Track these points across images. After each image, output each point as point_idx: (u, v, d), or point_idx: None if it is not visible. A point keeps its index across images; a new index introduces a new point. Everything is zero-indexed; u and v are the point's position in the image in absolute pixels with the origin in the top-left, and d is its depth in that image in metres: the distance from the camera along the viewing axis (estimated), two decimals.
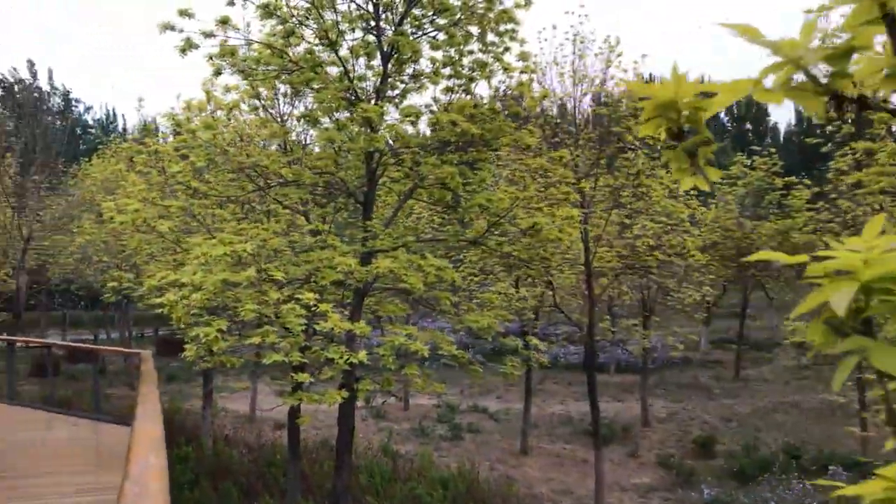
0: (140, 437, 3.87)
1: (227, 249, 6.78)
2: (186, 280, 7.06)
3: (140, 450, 3.55)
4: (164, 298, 6.88)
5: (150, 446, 3.63)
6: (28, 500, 8.10)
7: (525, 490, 15.31)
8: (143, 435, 3.98)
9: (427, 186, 8.63)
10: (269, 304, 6.91)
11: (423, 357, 6.96)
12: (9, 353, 17.62)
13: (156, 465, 3.21)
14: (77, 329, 44.08)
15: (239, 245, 6.81)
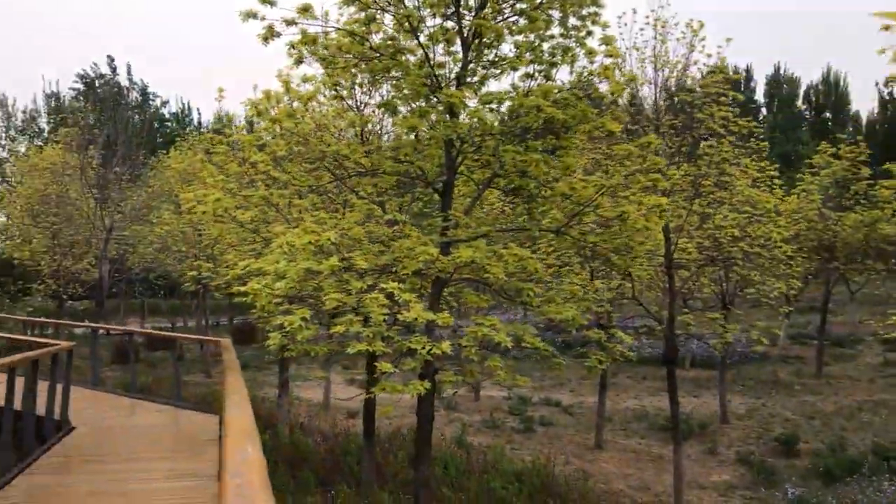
0: (234, 427, 3.82)
1: (310, 238, 6.75)
2: (270, 269, 7.06)
3: (236, 440, 3.49)
4: (248, 287, 6.89)
5: (245, 436, 3.58)
6: (116, 484, 8.26)
7: (601, 485, 15.04)
8: (236, 425, 3.93)
9: (506, 175, 8.45)
10: (352, 293, 6.86)
11: (507, 348, 6.81)
12: (92, 340, 18.15)
13: (254, 455, 3.14)
14: (154, 317, 45.39)
15: (323, 234, 6.76)
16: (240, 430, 3.72)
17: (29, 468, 8.96)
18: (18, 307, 34.00)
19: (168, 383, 21.72)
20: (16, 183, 31.59)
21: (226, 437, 3.62)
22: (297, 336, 6.54)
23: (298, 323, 6.52)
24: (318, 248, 7.04)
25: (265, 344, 7.03)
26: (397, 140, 10.18)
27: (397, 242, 7.55)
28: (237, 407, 4.67)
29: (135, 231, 26.69)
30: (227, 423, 4.12)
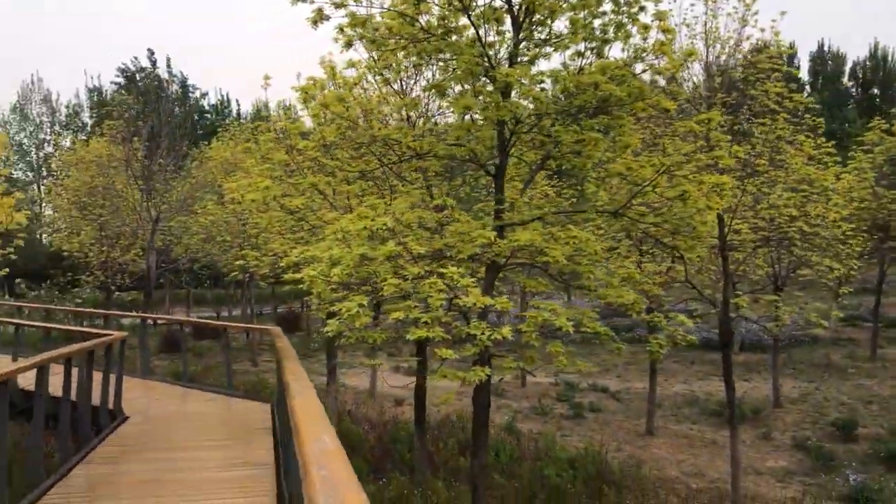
0: (304, 416, 3.70)
1: (365, 224, 6.61)
2: (324, 255, 6.94)
3: (310, 430, 3.36)
4: (304, 274, 6.79)
5: (318, 425, 3.45)
6: (173, 473, 8.25)
7: (655, 472, 14.79)
8: (306, 413, 3.81)
9: (561, 156, 8.23)
10: (408, 278, 6.71)
11: (568, 333, 6.62)
12: (141, 330, 18.31)
13: (333, 446, 3.01)
14: (199, 307, 45.93)
15: (379, 219, 6.63)
16: (311, 419, 3.59)
17: (86, 458, 9.01)
18: (67, 298, 34.60)
19: (216, 372, 21.94)
20: (63, 176, 32.05)
21: (297, 427, 3.50)
22: (354, 323, 6.41)
23: (356, 309, 6.40)
24: (372, 234, 6.91)
25: (322, 331, 6.92)
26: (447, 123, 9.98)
27: (451, 226, 7.38)
28: (302, 395, 4.56)
29: (180, 222, 26.91)
30: (295, 413, 4.01)
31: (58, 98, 74.40)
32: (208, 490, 7.59)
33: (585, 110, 8.01)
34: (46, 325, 16.74)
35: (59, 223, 33.53)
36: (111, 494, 7.39)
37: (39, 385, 8.06)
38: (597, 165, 8.54)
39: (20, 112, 71.50)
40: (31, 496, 7.26)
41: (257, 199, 10.63)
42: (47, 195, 44.99)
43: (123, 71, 72.46)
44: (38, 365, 7.86)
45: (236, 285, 39.72)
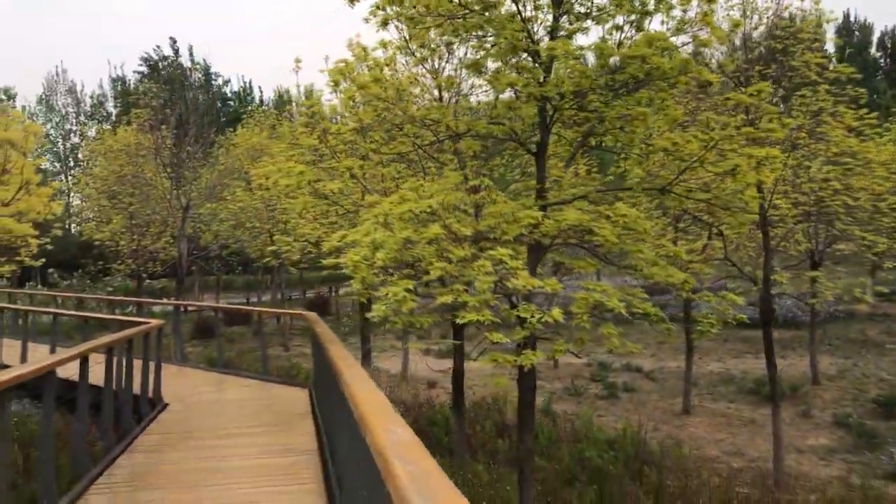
0: (368, 405, 3.57)
1: (410, 206, 6.47)
2: (367, 240, 6.82)
3: (378, 419, 3.24)
4: (346, 259, 6.67)
5: (386, 415, 3.33)
6: (217, 461, 8.21)
7: (694, 451, 14.61)
8: (370, 403, 3.69)
9: (604, 132, 8.01)
10: (453, 261, 6.57)
11: (620, 314, 6.46)
12: (175, 316, 18.38)
13: (408, 436, 2.88)
14: (228, 293, 46.20)
15: (423, 202, 6.48)
16: (377, 409, 3.47)
17: (129, 447, 9.00)
18: (99, 287, 34.93)
19: (249, 357, 22.03)
20: (91, 166, 32.23)
21: (364, 418, 3.38)
22: (401, 308, 6.29)
23: (402, 294, 6.27)
24: (416, 217, 6.78)
25: (352, 315, 6.80)
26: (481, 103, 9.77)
27: (492, 207, 7.21)
28: (360, 383, 4.44)
29: (209, 209, 26.96)
30: (357, 402, 3.89)
31: (82, 89, 74.97)
32: (254, 478, 7.54)
33: (628, 85, 7.79)
34: (84, 315, 16.83)
35: (87, 213, 33.77)
36: (156, 484, 7.36)
37: (82, 375, 8.04)
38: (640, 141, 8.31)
39: (46, 103, 72.10)
40: (79, 487, 7.25)
41: (291, 184, 10.54)
42: (75, 185, 45.37)
43: (146, 60, 72.77)
44: (81, 355, 7.83)
45: (265, 271, 39.89)
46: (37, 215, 9.19)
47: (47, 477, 6.64)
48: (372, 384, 4.31)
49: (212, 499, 6.78)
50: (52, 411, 6.89)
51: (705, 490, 11.20)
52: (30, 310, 18.67)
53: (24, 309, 18.34)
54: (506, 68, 8.08)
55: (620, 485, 11.56)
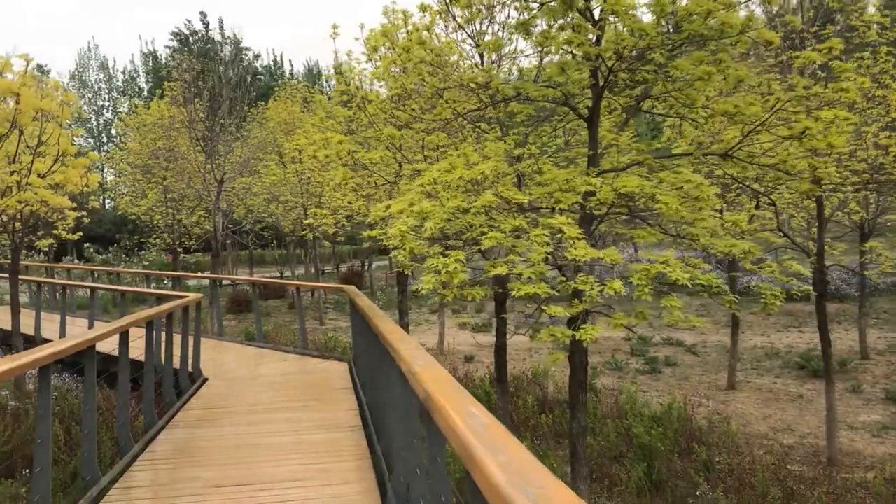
0: (438, 386, 3.27)
1: (461, 173, 6.13)
2: (415, 210, 6.50)
3: (451, 400, 2.94)
4: (394, 229, 6.36)
5: (459, 396, 3.03)
6: (261, 436, 8.03)
7: (742, 428, 14.21)
8: (438, 382, 3.39)
9: (663, 94, 7.58)
10: (505, 232, 6.23)
11: (685, 286, 6.09)
12: (213, 290, 18.27)
13: (489, 420, 2.58)
14: (260, 267, 46.37)
15: (476, 168, 6.14)
16: (448, 390, 3.17)
17: (171, 422, 8.86)
18: (134, 262, 35.12)
19: (285, 331, 21.96)
20: (125, 141, 32.27)
21: (435, 400, 3.08)
22: (453, 280, 5.98)
23: (454, 265, 5.96)
24: (467, 184, 6.44)
25: (417, 289, 6.50)
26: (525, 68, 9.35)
27: (547, 175, 6.85)
28: (421, 360, 4.15)
29: (242, 183, 26.87)
30: (419, 379, 3.60)
31: (114, 65, 75.35)
32: (298, 454, 7.34)
33: (690, 43, 7.35)
34: (121, 288, 16.80)
35: (121, 187, 33.88)
36: (198, 461, 7.18)
37: (122, 350, 7.87)
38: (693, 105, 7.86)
39: (78, 79, 72.62)
40: (121, 464, 7.10)
41: (330, 154, 10.26)
42: (109, 160, 45.59)
43: (177, 35, 72.86)
44: (121, 329, 7.65)
45: (296, 245, 39.88)
46: (74, 187, 9.00)
47: (90, 453, 6.49)
48: (433, 361, 4.03)
49: (255, 476, 6.59)
50: (93, 387, 6.72)
51: (758, 468, 10.84)
52: (68, 284, 18.72)
53: (62, 283, 18.38)
54: (556, 29, 7.66)
55: (669, 462, 11.25)
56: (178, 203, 26.63)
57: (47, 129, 8.66)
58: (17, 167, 8.03)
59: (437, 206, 6.65)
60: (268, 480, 6.46)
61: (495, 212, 6.86)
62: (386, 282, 38.48)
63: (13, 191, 8.58)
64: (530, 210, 7.42)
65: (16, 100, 7.98)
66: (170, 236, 26.95)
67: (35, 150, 8.47)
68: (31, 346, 16.12)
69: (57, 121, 8.51)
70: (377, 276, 38.55)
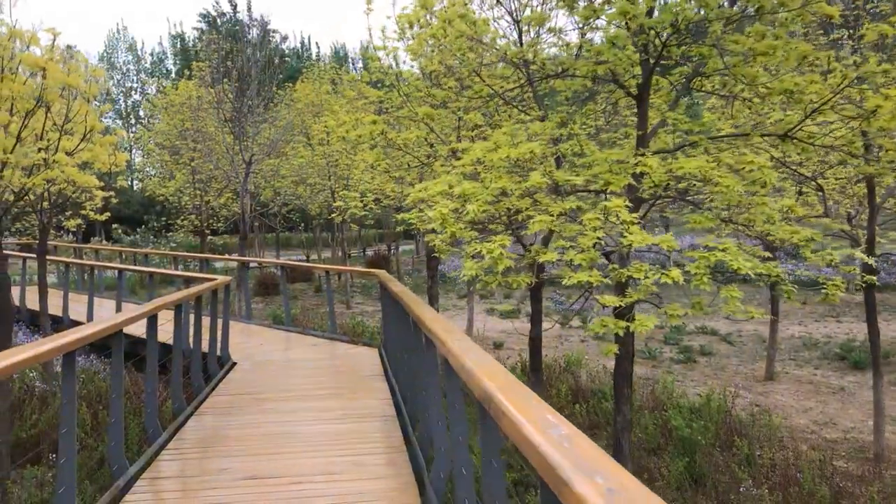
0: (505, 388, 2.92)
1: (508, 152, 5.76)
2: (457, 190, 6.15)
3: (527, 411, 2.56)
4: (434, 212, 6.01)
5: (530, 401, 2.69)
6: (292, 425, 7.76)
7: (782, 421, 13.76)
8: (494, 379, 3.06)
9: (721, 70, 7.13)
10: (552, 215, 5.86)
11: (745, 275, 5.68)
12: (242, 273, 18.08)
13: (572, 431, 2.23)
14: (286, 250, 46.29)
15: (524, 146, 5.77)
16: (517, 394, 2.82)
17: (199, 409, 8.63)
18: (162, 243, 35.14)
19: (312, 314, 21.74)
20: (153, 122, 32.21)
21: (500, 405, 2.74)
22: (497, 266, 5.63)
23: (499, 251, 5.60)
24: (513, 164, 6.08)
25: (457, 275, 6.15)
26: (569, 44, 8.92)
27: (599, 154, 6.45)
28: (468, 350, 3.83)
29: (270, 165, 26.68)
30: (475, 376, 3.27)
31: (142, 46, 75.58)
32: (330, 445, 7.05)
33: (746, 17, 6.90)
34: (149, 270, 16.64)
35: (149, 168, 33.88)
36: (228, 451, 6.92)
37: (150, 333, 7.62)
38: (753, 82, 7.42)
39: (107, 60, 72.90)
40: (149, 452, 6.86)
41: (363, 134, 9.92)
42: (137, 141, 45.70)
43: (205, 16, 72.84)
44: (150, 314, 7.39)
45: (323, 228, 39.68)
46: (102, 166, 8.75)
47: (116, 442, 6.24)
48: (489, 358, 3.69)
49: (286, 468, 6.32)
50: (120, 375, 6.46)
51: (802, 463, 10.42)
52: (96, 265, 18.62)
53: (89, 264, 18.28)
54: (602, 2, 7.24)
55: (710, 456, 10.86)
56: (205, 184, 26.50)
57: (74, 107, 8.39)
58: (43, 144, 7.77)
59: (479, 187, 6.29)
60: (299, 473, 6.18)
61: (541, 194, 6.49)
62: (413, 266, 38.22)
63: (40, 169, 8.34)
64: (572, 193, 7.04)
65: (42, 75, 7.70)
66: (197, 218, 26.84)
67: (62, 127, 8.21)
68: (58, 326, 16.08)
69: (84, 97, 8.24)
70: (404, 261, 38.29)
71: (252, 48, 24.23)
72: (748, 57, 6.54)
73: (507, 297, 28.11)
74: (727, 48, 6.43)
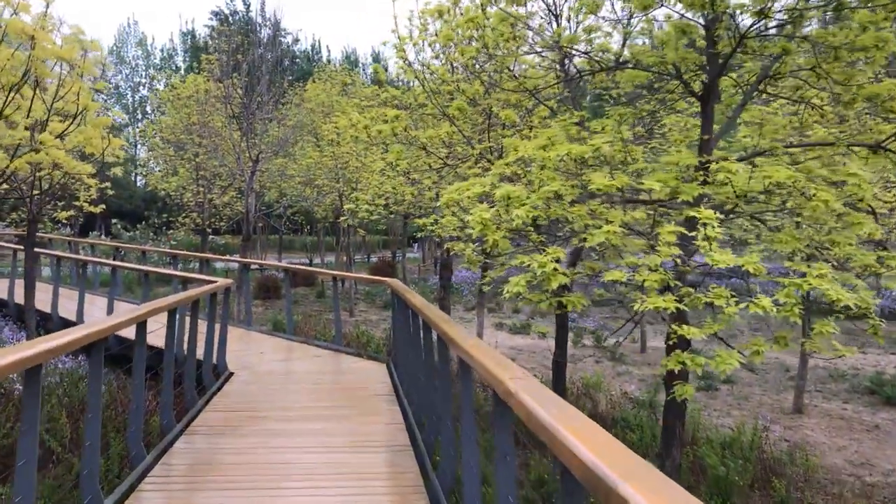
0: (566, 421, 2.14)
1: (569, 149, 4.86)
2: (500, 193, 5.24)
3: (588, 438, 1.81)
4: (473, 217, 5.10)
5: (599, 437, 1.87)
6: (295, 454, 6.84)
7: (814, 458, 12.79)
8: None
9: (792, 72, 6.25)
10: (614, 225, 4.95)
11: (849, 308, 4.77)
12: (243, 275, 17.17)
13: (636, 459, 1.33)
14: (288, 252, 45.39)
15: (590, 143, 4.86)
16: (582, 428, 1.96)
17: (190, 426, 7.71)
18: (162, 240, 34.23)
19: (314, 321, 20.78)
20: (159, 115, 31.41)
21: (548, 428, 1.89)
22: (551, 284, 4.71)
23: (552, 266, 4.69)
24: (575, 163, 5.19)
25: (501, 293, 5.22)
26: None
27: (672, 156, 5.53)
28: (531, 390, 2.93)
29: (278, 164, 25.85)
30: (532, 413, 2.45)
31: (153, 42, 75.09)
32: (339, 479, 6.14)
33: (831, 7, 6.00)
34: (144, 268, 15.73)
35: (152, 164, 33.04)
36: (219, 482, 6.00)
37: (139, 342, 6.71)
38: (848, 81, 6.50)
39: (116, 55, 72.31)
40: (131, 478, 5.95)
41: (385, 130, 9.03)
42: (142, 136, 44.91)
43: (217, 14, 72.26)
44: (139, 319, 6.48)
45: (326, 232, 38.79)
46: (94, 150, 7.87)
47: (90, 470, 5.32)
48: (538, 385, 2.80)
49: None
50: (99, 389, 5.53)
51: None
52: (88, 260, 17.69)
53: (82, 259, 17.35)
54: None
55: (748, 498, 9.92)
56: (209, 182, 25.64)
57: (66, 83, 7.50)
58: (27, 122, 6.87)
59: (524, 191, 5.38)
60: None
61: (595, 203, 5.58)
62: (419, 274, 37.29)
63: (24, 150, 7.43)
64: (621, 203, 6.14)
65: (31, 45, 6.82)
66: (199, 216, 25.97)
67: (51, 105, 7.31)
68: (47, 324, 15.16)
69: (77, 72, 7.34)
70: (409, 268, 37.36)
71: (263, 48, 23.45)
72: (838, 53, 5.63)
73: (516, 312, 27.19)
74: (821, 40, 5.52)
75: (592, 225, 4.98)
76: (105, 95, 58.63)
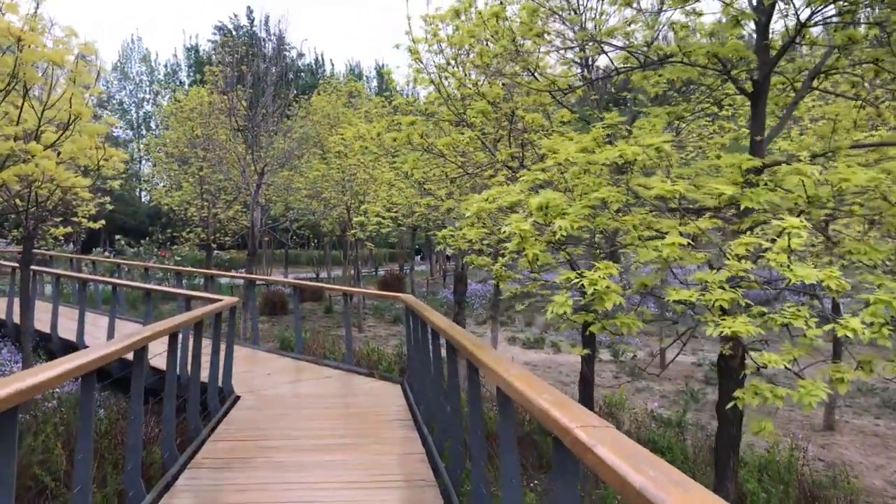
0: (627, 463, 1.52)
1: (622, 150, 4.26)
2: (535, 202, 4.64)
3: None
4: (510, 227, 4.51)
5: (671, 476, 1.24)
6: (304, 491, 6.23)
7: (855, 482, 12.13)
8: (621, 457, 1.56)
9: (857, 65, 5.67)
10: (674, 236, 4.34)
11: None
12: (249, 292, 16.59)
13: None
14: (294, 267, 44.83)
15: (646, 140, 4.27)
16: None
17: (194, 459, 7.09)
18: (166, 256, 33.70)
19: (322, 337, 20.20)
20: (163, 128, 30.99)
21: None
22: (605, 304, 4.11)
23: (605, 283, 4.09)
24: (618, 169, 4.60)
25: (545, 313, 4.61)
26: None
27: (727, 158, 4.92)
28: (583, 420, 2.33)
29: (284, 177, 25.35)
30: (602, 463, 1.80)
31: (156, 58, 74.96)
32: None
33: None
34: (146, 286, 15.16)
35: (157, 178, 32.58)
36: None
37: (137, 374, 6.11)
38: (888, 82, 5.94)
39: (120, 70, 72.16)
40: None
41: (400, 137, 8.46)
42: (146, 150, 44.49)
43: (220, 28, 72.10)
44: (138, 346, 5.87)
45: (333, 245, 38.21)
46: (88, 161, 7.32)
47: None
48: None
49: None
50: (90, 427, 4.94)
51: None
52: (88, 278, 17.13)
53: (81, 277, 16.79)
54: None
55: None
56: (214, 196, 25.12)
57: (60, 86, 6.94)
58: (13, 131, 6.30)
59: (565, 198, 4.79)
60: None
61: (642, 210, 4.98)
62: (427, 288, 36.68)
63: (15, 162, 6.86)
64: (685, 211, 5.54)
65: (18, 46, 6.26)
66: (204, 231, 25.44)
67: (41, 113, 6.75)
68: (47, 344, 14.59)
69: (70, 77, 6.77)
70: (417, 282, 36.75)
71: (267, 62, 22.99)
72: None
73: (528, 325, 26.57)
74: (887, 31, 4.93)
75: (644, 237, 4.38)
76: (108, 111, 58.33)
